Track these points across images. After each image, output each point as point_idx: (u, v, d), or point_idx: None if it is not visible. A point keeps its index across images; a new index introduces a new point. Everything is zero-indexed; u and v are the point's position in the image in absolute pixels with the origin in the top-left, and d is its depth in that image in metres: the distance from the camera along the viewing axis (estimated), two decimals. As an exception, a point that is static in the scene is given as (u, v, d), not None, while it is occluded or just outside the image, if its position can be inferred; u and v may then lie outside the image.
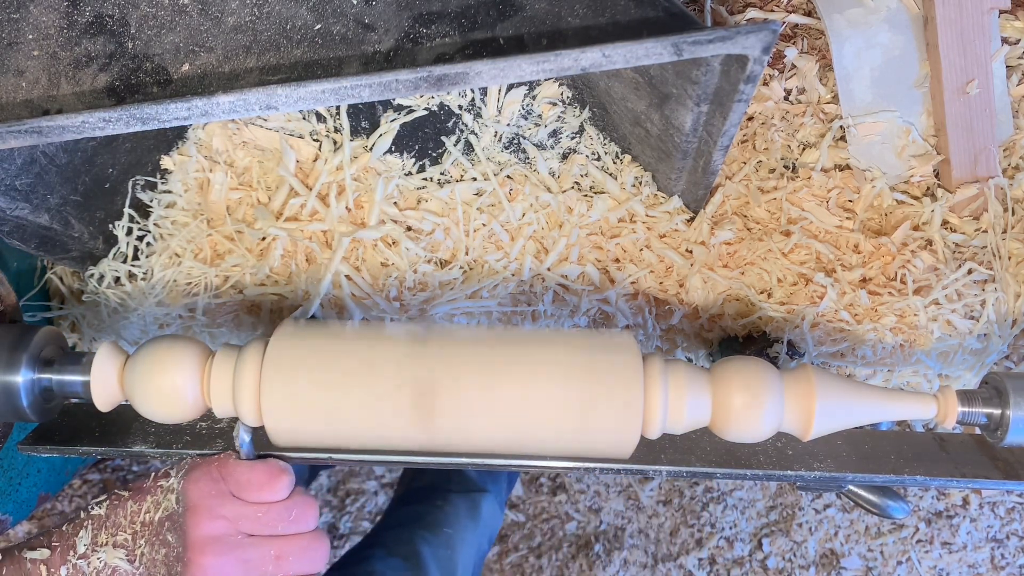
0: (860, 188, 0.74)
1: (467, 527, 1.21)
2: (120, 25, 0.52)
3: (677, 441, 0.63)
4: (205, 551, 0.51)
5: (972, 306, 0.73)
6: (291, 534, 0.56)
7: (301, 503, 0.56)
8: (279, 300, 0.74)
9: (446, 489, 1.26)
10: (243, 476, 0.54)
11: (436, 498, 1.24)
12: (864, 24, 0.72)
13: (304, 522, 0.56)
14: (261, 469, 0.55)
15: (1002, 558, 1.50)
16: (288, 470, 0.56)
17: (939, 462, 0.62)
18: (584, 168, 0.75)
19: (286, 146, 0.73)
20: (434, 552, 1.12)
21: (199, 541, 0.52)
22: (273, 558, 0.54)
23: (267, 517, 0.55)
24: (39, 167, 0.62)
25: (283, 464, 0.56)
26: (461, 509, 1.23)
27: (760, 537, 1.53)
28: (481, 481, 1.32)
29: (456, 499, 1.24)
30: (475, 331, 0.58)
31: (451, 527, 1.18)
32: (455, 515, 1.21)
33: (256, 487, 0.54)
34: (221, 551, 0.52)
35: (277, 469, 0.55)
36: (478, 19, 0.51)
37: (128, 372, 0.57)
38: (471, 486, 1.29)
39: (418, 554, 1.10)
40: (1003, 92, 0.73)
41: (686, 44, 0.45)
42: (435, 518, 1.19)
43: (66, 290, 0.79)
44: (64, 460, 0.91)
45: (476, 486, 1.29)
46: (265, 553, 0.54)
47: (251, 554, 0.53)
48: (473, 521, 1.23)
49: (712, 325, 0.75)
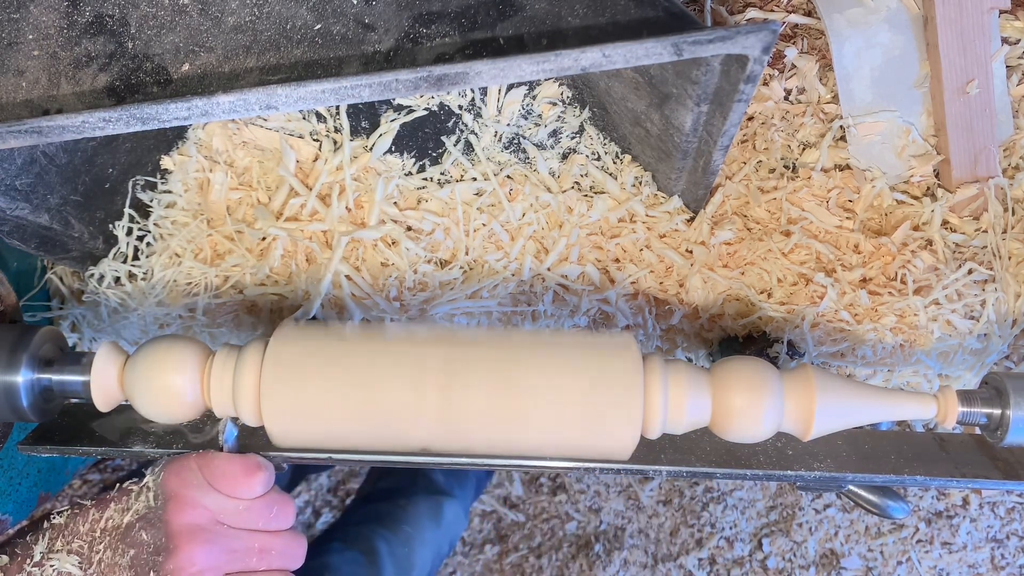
0: (860, 188, 0.74)
1: (428, 527, 1.21)
2: (120, 25, 0.52)
3: (677, 441, 0.63)
4: (191, 538, 0.51)
5: (972, 306, 0.73)
6: (272, 530, 0.56)
7: (281, 501, 0.56)
8: (279, 300, 0.74)
9: (411, 490, 1.26)
10: (220, 467, 0.54)
11: (399, 498, 1.23)
12: (864, 24, 0.72)
13: (284, 520, 0.56)
14: (239, 461, 0.55)
15: (1002, 558, 1.50)
16: (266, 467, 0.56)
17: (939, 462, 0.62)
18: (584, 168, 0.75)
19: (286, 146, 0.73)
20: (391, 549, 1.12)
21: (184, 529, 0.51)
22: (257, 551, 0.54)
23: (248, 512, 0.54)
24: (39, 167, 0.62)
25: (262, 460, 0.56)
26: (423, 510, 1.23)
27: (760, 537, 1.53)
28: (447, 485, 1.31)
29: (419, 500, 1.24)
30: (475, 332, 0.58)
31: (411, 526, 1.18)
32: (416, 515, 1.21)
33: (231, 478, 0.54)
34: (207, 538, 0.52)
35: (254, 463, 0.55)
36: (478, 19, 0.51)
37: (128, 372, 0.57)
38: (436, 489, 1.28)
39: (375, 550, 1.10)
40: (1003, 92, 0.73)
41: (686, 44, 0.45)
42: (396, 516, 1.19)
43: (66, 290, 0.79)
44: (64, 460, 0.91)
45: (441, 489, 1.29)
46: (249, 545, 0.54)
47: (236, 545, 0.53)
48: (434, 523, 1.23)
49: (712, 325, 0.75)
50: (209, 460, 0.55)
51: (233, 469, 0.54)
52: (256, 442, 0.60)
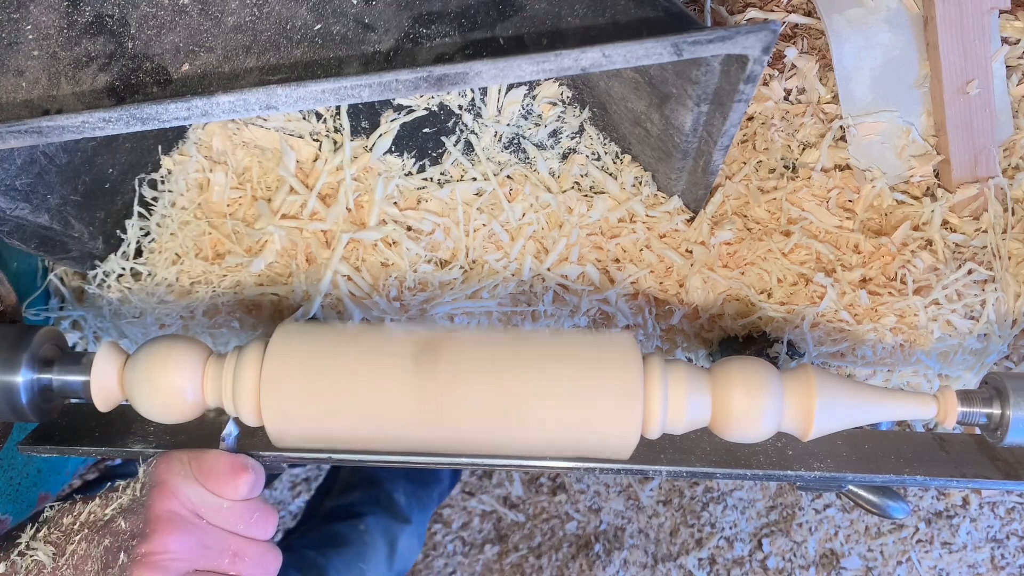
0: (860, 188, 0.74)
1: (381, 562, 1.19)
2: (120, 25, 0.52)
3: (677, 441, 0.63)
4: (168, 525, 0.51)
5: (972, 306, 0.73)
6: (250, 537, 0.55)
7: (263, 510, 0.56)
8: (279, 300, 0.74)
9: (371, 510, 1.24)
10: (209, 463, 0.54)
11: (358, 521, 1.21)
12: (864, 24, 0.72)
13: (263, 530, 0.56)
14: (228, 459, 0.55)
15: (1002, 558, 1.50)
16: (254, 469, 0.55)
17: (939, 462, 0.62)
18: (584, 168, 0.75)
19: (286, 146, 0.73)
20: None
21: (163, 515, 0.51)
22: (231, 554, 0.54)
23: (229, 512, 0.54)
24: (39, 167, 0.62)
25: (252, 462, 0.56)
26: (380, 542, 1.20)
27: (760, 537, 1.53)
28: (407, 509, 1.28)
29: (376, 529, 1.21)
30: (475, 331, 0.58)
31: (366, 563, 1.16)
32: (373, 548, 1.18)
33: (218, 475, 0.54)
34: (184, 528, 0.51)
35: (242, 463, 0.55)
36: (478, 19, 0.51)
37: (128, 372, 0.57)
38: (396, 514, 1.26)
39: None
40: (1003, 92, 0.73)
41: (686, 44, 0.45)
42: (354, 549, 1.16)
43: (67, 290, 0.79)
44: (64, 460, 0.91)
45: (401, 515, 1.26)
46: (224, 545, 0.54)
47: (211, 541, 0.53)
48: (389, 559, 1.21)
49: (712, 325, 0.75)
50: (200, 454, 0.55)
51: (221, 466, 0.54)
52: (256, 442, 0.60)
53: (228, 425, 0.58)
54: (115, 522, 0.51)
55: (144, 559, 0.50)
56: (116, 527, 0.51)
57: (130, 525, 0.51)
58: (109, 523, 0.52)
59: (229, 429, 0.57)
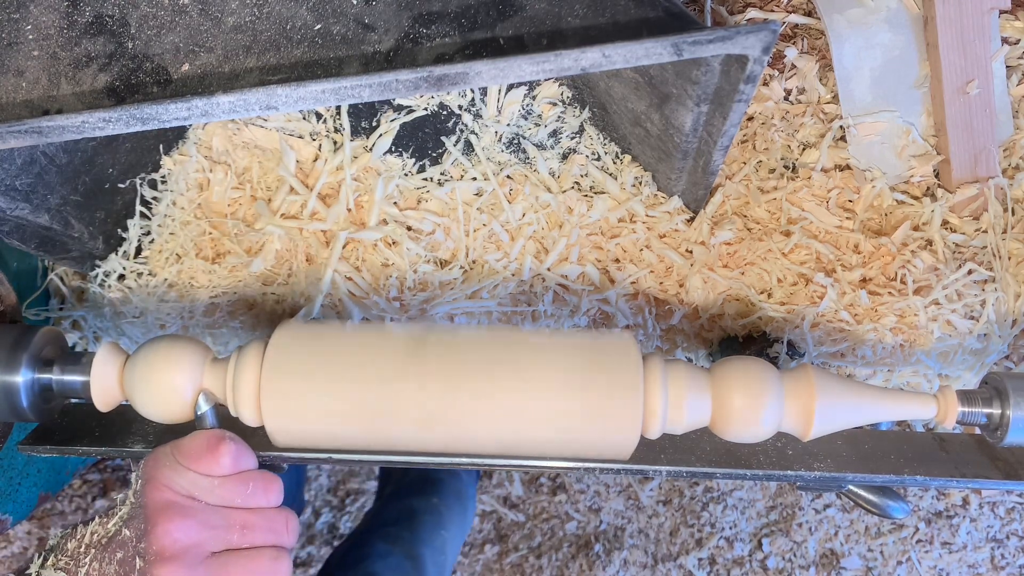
0: (860, 188, 0.74)
1: (457, 524, 1.25)
2: (120, 25, 0.52)
3: (677, 441, 0.63)
4: (166, 513, 0.51)
5: (972, 306, 0.73)
6: (253, 507, 0.55)
7: (259, 477, 0.56)
8: (279, 300, 0.74)
9: (438, 479, 1.29)
10: (186, 445, 0.54)
11: (431, 493, 1.25)
12: (864, 24, 0.72)
13: (264, 497, 0.56)
14: (203, 436, 0.54)
15: (1002, 558, 1.50)
16: (232, 440, 0.55)
17: (939, 462, 0.62)
18: (584, 168, 0.75)
19: (286, 146, 0.73)
20: (434, 557, 1.14)
21: (159, 506, 0.51)
22: (238, 528, 0.54)
23: (223, 488, 0.54)
24: (39, 167, 0.62)
25: (228, 434, 0.55)
26: (455, 508, 1.27)
27: (760, 537, 1.53)
28: (468, 475, 1.36)
29: (449, 496, 1.27)
30: (475, 331, 0.58)
31: (446, 529, 1.21)
32: (449, 516, 1.24)
33: (197, 453, 0.54)
34: (183, 513, 0.51)
35: (217, 436, 0.54)
36: (478, 19, 0.51)
37: (128, 372, 0.57)
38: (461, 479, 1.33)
39: (419, 556, 1.11)
40: (1003, 92, 0.73)
41: (686, 44, 0.45)
42: (432, 518, 1.21)
43: (67, 290, 0.79)
44: (64, 460, 0.91)
45: (464, 479, 1.33)
46: (229, 522, 0.54)
47: (214, 521, 0.53)
48: (462, 518, 1.28)
49: (712, 325, 0.75)
50: (179, 440, 0.55)
51: (199, 445, 0.54)
52: (256, 442, 0.60)
53: (199, 401, 0.56)
54: (120, 534, 0.52)
55: (157, 556, 0.50)
56: (122, 538, 0.51)
57: (134, 531, 0.51)
58: (114, 537, 0.52)
59: (199, 404, 0.57)
